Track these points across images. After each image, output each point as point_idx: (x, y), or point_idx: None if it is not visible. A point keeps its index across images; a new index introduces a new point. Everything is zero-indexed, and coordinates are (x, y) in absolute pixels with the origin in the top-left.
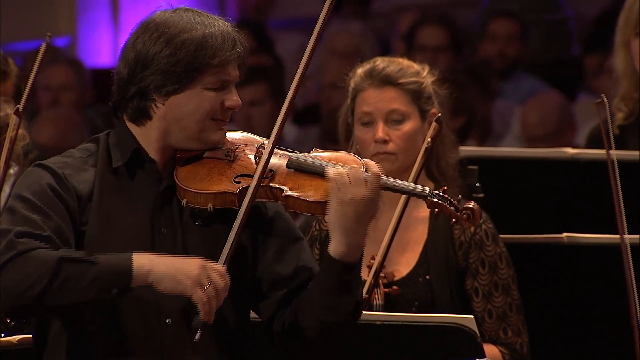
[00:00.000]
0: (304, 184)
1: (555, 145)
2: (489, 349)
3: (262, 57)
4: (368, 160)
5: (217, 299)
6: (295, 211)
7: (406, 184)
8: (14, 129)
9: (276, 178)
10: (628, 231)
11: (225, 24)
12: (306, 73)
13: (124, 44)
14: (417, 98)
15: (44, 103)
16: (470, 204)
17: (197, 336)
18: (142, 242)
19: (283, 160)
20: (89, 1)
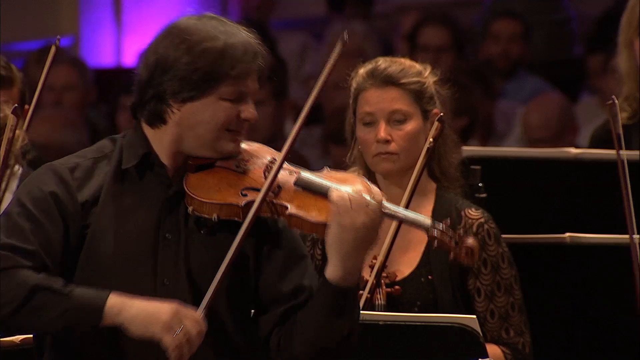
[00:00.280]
0: (309, 203)
1: (557, 146)
2: (491, 348)
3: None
4: (375, 188)
5: (188, 345)
6: (298, 230)
7: (409, 214)
8: (12, 129)
9: (282, 195)
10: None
11: (248, 35)
12: (308, 73)
13: (147, 46)
14: (419, 98)
15: (47, 103)
16: (471, 242)
17: None
18: (145, 246)
19: (292, 177)
20: (91, 1)
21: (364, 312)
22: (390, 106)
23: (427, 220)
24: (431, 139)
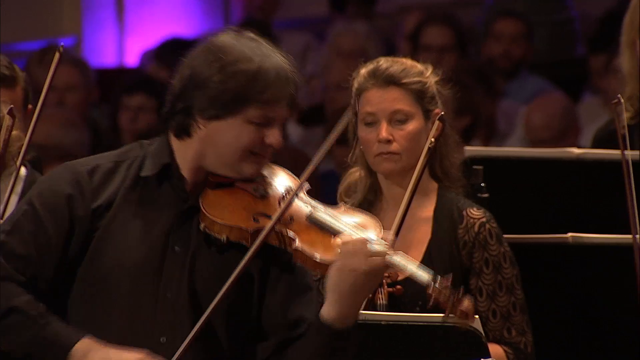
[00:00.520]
0: (316, 240)
1: (560, 146)
2: (493, 348)
3: None
4: (386, 236)
5: None
6: (302, 265)
7: (411, 268)
8: (8, 130)
9: (293, 226)
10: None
11: (283, 60)
12: (310, 73)
13: (185, 58)
14: (421, 98)
15: (49, 103)
16: (466, 305)
17: None
18: (152, 256)
19: (306, 209)
20: (94, 1)
21: (365, 312)
22: (391, 106)
23: (427, 276)
24: (432, 138)
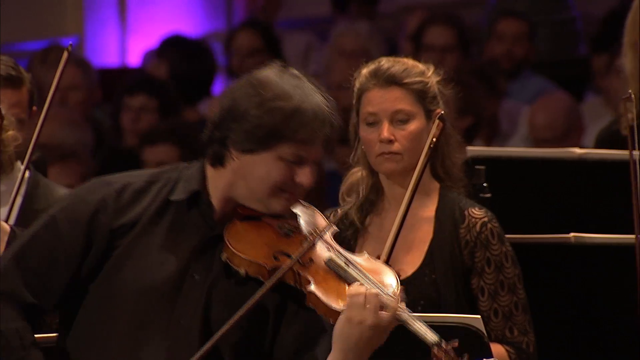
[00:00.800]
0: (331, 286)
1: (563, 146)
2: (495, 348)
3: (269, 57)
4: (398, 291)
5: None
6: (314, 309)
7: (421, 326)
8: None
9: (311, 268)
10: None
11: (323, 101)
12: (312, 73)
13: (229, 86)
14: (422, 98)
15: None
16: None
17: None
18: (170, 282)
19: (327, 253)
20: (96, 1)
21: None
22: (393, 106)
23: (433, 337)
24: (433, 138)
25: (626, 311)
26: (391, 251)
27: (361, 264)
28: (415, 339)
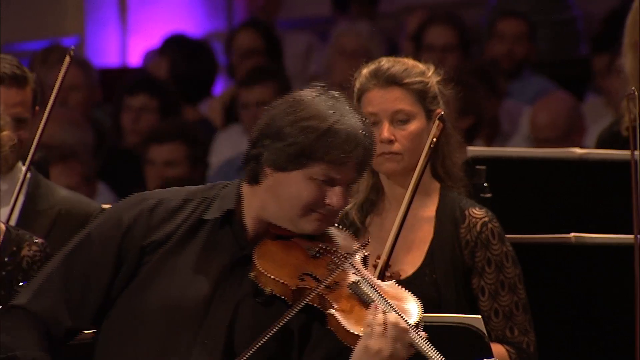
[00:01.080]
0: (353, 310)
1: (564, 146)
2: (496, 348)
3: (269, 57)
4: (418, 321)
5: None
6: (333, 331)
7: (434, 355)
8: None
9: (335, 292)
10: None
11: (358, 124)
12: (313, 73)
13: (270, 105)
14: (423, 98)
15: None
16: None
17: None
18: (198, 301)
19: (353, 277)
20: (97, 1)
21: None
22: (393, 106)
23: None
24: (433, 138)
25: (626, 311)
26: (391, 251)
27: (386, 290)
28: None
